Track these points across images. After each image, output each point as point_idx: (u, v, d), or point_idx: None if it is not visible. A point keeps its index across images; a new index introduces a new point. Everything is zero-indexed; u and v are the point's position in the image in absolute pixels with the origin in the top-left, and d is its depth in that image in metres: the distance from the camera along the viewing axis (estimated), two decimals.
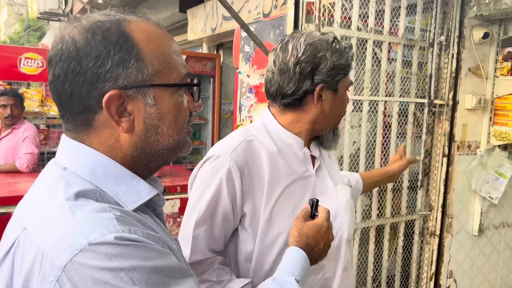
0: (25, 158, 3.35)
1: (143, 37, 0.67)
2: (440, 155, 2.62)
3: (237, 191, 1.10)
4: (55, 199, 0.63)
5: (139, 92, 0.67)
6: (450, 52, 2.54)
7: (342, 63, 1.15)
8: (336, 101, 1.19)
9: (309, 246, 0.96)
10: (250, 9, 4.32)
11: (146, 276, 0.58)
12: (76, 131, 0.69)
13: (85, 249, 0.56)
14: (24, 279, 0.59)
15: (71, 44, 0.65)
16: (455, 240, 2.68)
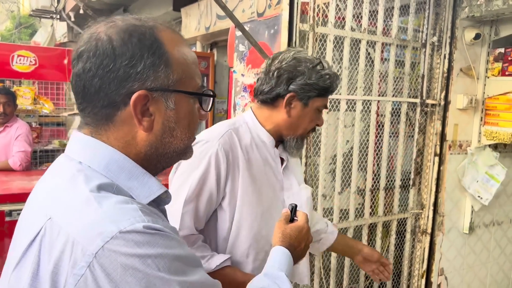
0: (18, 156, 3.34)
1: (172, 45, 0.72)
2: (432, 154, 2.66)
3: (222, 172, 1.24)
4: (78, 191, 0.65)
5: (163, 96, 0.71)
6: (442, 52, 2.57)
7: (318, 84, 1.30)
8: (303, 113, 1.33)
9: (292, 246, 1.05)
10: (244, 8, 4.33)
11: (169, 263, 0.62)
12: (95, 125, 0.71)
13: (116, 237, 0.59)
14: (54, 265, 0.61)
15: (107, 42, 0.68)
16: (446, 238, 2.72)
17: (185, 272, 0.64)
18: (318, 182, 2.25)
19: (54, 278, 0.61)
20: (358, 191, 2.44)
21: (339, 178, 2.32)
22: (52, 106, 4.56)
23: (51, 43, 8.05)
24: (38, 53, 4.64)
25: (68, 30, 9.23)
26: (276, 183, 1.35)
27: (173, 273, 0.62)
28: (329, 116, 2.25)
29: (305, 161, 2.20)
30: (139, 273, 0.59)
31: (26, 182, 2.92)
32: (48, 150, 4.66)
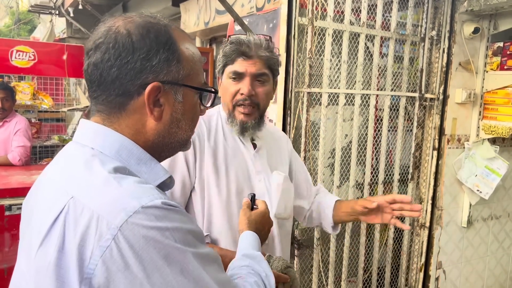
0: (17, 151, 3.34)
1: (183, 43, 0.79)
2: (431, 148, 2.67)
3: (190, 157, 1.32)
4: (96, 172, 0.71)
5: (173, 89, 0.78)
6: (441, 46, 2.58)
7: (223, 55, 1.37)
8: (222, 87, 1.39)
9: (258, 230, 1.17)
10: (243, 3, 4.32)
11: (184, 236, 0.69)
12: (108, 112, 0.77)
13: (138, 211, 0.65)
14: (80, 239, 0.65)
15: (127, 36, 0.73)
16: (444, 232, 2.73)
17: (195, 245, 0.71)
18: (317, 176, 2.26)
19: (80, 250, 0.65)
20: (356, 185, 2.45)
21: (338, 172, 2.33)
22: (51, 102, 4.57)
23: (50, 38, 8.03)
24: (37, 48, 4.64)
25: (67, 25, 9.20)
26: (247, 166, 1.40)
27: (187, 244, 0.69)
28: (328, 110, 2.26)
29: (304, 155, 2.21)
30: (159, 244, 0.65)
31: (25, 177, 2.92)
32: (47, 145, 4.67)
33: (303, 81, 2.15)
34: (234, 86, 1.34)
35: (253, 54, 1.32)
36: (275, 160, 1.49)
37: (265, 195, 1.40)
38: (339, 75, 2.30)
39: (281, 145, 1.55)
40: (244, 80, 1.33)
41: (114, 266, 0.64)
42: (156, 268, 0.65)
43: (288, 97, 2.11)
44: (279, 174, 1.43)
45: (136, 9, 7.54)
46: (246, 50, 1.32)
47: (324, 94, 2.22)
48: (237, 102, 1.34)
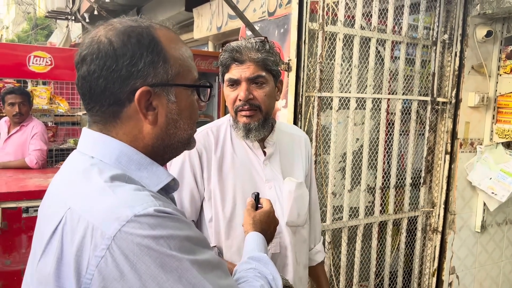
0: (34, 155, 3.42)
1: (168, 42, 0.77)
2: (443, 152, 2.65)
3: (197, 168, 1.36)
4: (93, 182, 0.72)
5: (164, 90, 0.76)
6: (453, 50, 2.56)
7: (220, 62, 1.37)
8: (225, 94, 1.40)
9: (263, 230, 1.13)
10: (255, 8, 4.36)
11: (179, 243, 0.68)
12: (104, 122, 0.77)
13: (131, 220, 0.65)
14: (77, 249, 0.66)
15: (108, 44, 0.73)
16: (457, 237, 2.71)
17: (194, 251, 0.69)
18: (328, 180, 2.27)
19: (78, 260, 0.66)
20: (368, 189, 2.45)
21: (349, 176, 2.33)
22: (67, 106, 4.65)
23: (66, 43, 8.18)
24: (54, 53, 4.72)
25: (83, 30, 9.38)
26: (257, 175, 1.40)
27: (183, 252, 0.67)
28: (339, 114, 2.27)
29: (315, 159, 2.22)
30: (154, 253, 0.65)
31: (42, 180, 2.99)
32: (63, 149, 4.75)
33: (313, 85, 2.16)
34: (232, 92, 1.35)
35: (244, 58, 1.32)
36: (290, 164, 1.47)
37: (276, 203, 1.38)
38: (350, 79, 2.31)
39: (300, 147, 1.53)
40: (240, 86, 1.33)
41: (110, 276, 0.64)
42: (152, 277, 0.64)
43: (298, 101, 2.13)
44: (291, 181, 1.41)
45: (150, 14, 7.64)
46: (237, 56, 1.32)
47: (335, 98, 2.23)
48: (237, 107, 1.35)
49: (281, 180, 1.42)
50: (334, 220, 2.33)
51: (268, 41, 1.37)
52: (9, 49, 4.82)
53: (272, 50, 1.36)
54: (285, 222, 1.39)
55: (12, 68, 4.57)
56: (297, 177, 1.46)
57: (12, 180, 2.96)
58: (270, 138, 1.42)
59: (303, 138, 1.56)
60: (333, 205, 2.31)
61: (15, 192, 2.65)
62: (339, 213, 2.37)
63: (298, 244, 1.44)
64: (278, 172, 1.43)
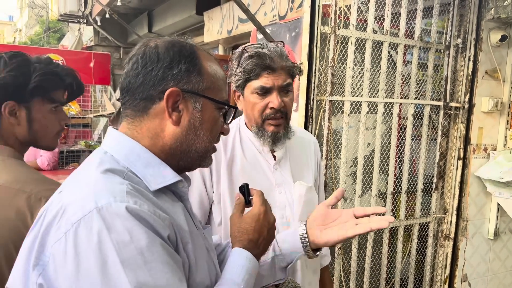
0: (46, 156, 3.44)
1: (206, 60, 0.86)
2: (456, 158, 2.61)
3: (206, 173, 1.35)
4: (88, 172, 0.78)
5: (192, 97, 0.83)
6: (466, 54, 2.53)
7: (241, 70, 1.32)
8: (246, 103, 1.36)
9: (252, 241, 0.95)
10: (266, 11, 4.36)
11: (129, 253, 0.67)
12: (133, 116, 0.83)
13: (92, 212, 0.68)
14: (46, 226, 0.71)
15: (154, 48, 0.83)
16: (470, 244, 2.67)
17: (140, 268, 0.67)
18: (338, 185, 2.25)
19: (43, 236, 0.71)
20: (379, 195, 2.43)
21: (360, 181, 2.31)
22: (78, 108, 4.70)
23: (78, 46, 8.26)
24: (66, 56, 4.78)
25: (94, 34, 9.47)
26: (267, 179, 1.39)
27: (128, 264, 0.66)
28: (350, 118, 2.25)
29: (326, 163, 2.20)
30: (99, 254, 0.66)
31: None
32: (74, 150, 4.79)
33: (325, 89, 2.15)
34: (261, 101, 1.31)
35: (277, 66, 1.30)
36: (300, 168, 1.47)
37: (286, 207, 1.38)
38: (361, 83, 2.29)
39: (309, 150, 1.52)
40: (272, 94, 1.30)
41: (58, 259, 0.67)
42: (88, 277, 0.65)
43: (310, 105, 2.11)
44: (301, 185, 1.41)
45: (161, 18, 7.69)
46: (270, 64, 1.29)
47: (347, 102, 2.21)
48: (267, 116, 1.32)
49: (291, 184, 1.41)
50: None
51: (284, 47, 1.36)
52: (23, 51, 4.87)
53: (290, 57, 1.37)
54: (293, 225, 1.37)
55: None
56: (307, 181, 1.45)
57: None
58: (288, 140, 1.41)
59: (312, 141, 1.56)
60: None
61: None
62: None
63: None
64: (288, 176, 1.42)
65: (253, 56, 1.30)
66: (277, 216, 1.35)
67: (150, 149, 0.82)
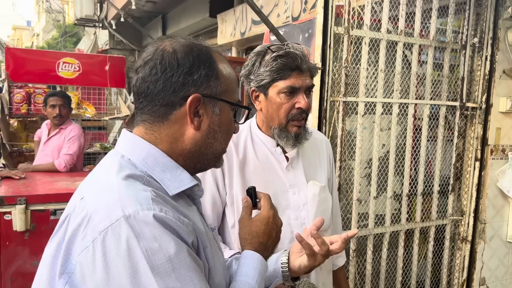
0: (63, 158, 3.49)
1: (221, 63, 0.87)
2: (473, 159, 2.57)
3: (218, 175, 1.35)
4: (109, 178, 0.77)
5: (211, 102, 0.84)
6: (483, 54, 2.49)
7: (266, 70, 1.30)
8: (269, 104, 1.34)
9: (262, 244, 0.98)
10: (279, 13, 4.36)
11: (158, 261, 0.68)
12: (152, 121, 0.83)
13: (120, 221, 0.68)
14: (71, 234, 0.71)
15: (172, 53, 0.82)
16: (488, 247, 2.62)
17: (169, 275, 0.68)
18: (353, 187, 2.23)
19: (69, 245, 0.71)
20: (394, 196, 2.40)
21: (375, 182, 2.29)
22: (94, 111, 4.76)
23: (94, 50, 8.39)
24: (82, 60, 4.86)
25: (110, 37, 9.60)
26: (280, 180, 1.38)
27: (157, 272, 0.67)
28: (364, 119, 2.23)
29: (340, 165, 2.18)
30: (128, 262, 0.66)
31: (69, 183, 3.05)
32: (90, 153, 4.85)
33: (338, 90, 2.14)
34: (288, 101, 1.32)
35: (305, 67, 1.31)
36: (313, 168, 1.46)
37: (300, 208, 1.38)
38: (376, 84, 2.27)
39: (322, 150, 1.52)
40: (298, 94, 1.31)
41: (86, 268, 0.67)
42: (119, 285, 0.66)
43: (323, 106, 2.10)
44: (315, 185, 1.41)
45: (175, 21, 7.75)
46: (300, 64, 1.30)
47: (361, 103, 2.19)
48: (293, 116, 1.32)
49: (304, 184, 1.41)
50: (359, 227, 2.28)
51: None
52: (40, 55, 4.98)
53: None
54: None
55: (43, 74, 4.71)
56: (320, 180, 1.45)
57: (41, 183, 3.03)
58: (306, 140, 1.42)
59: (324, 141, 1.55)
60: (358, 212, 2.26)
61: (43, 194, 2.71)
62: (364, 221, 2.32)
63: None
64: (301, 176, 1.41)
65: (283, 56, 1.29)
66: (291, 217, 1.36)
67: (168, 154, 0.82)
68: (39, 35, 27.85)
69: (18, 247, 2.49)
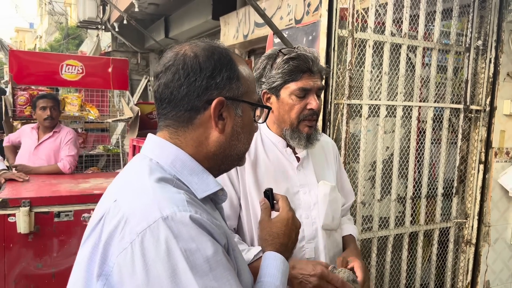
0: (67, 160, 3.50)
1: (241, 65, 0.88)
2: (477, 161, 2.56)
3: (233, 174, 1.36)
4: (141, 180, 0.78)
5: (233, 104, 0.85)
6: (487, 56, 2.49)
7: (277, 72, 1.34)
8: (280, 105, 1.37)
9: (283, 245, 1.00)
10: (282, 15, 4.36)
11: (196, 261, 0.69)
12: (176, 126, 0.84)
13: (158, 222, 0.69)
14: (108, 236, 0.72)
15: (194, 57, 0.82)
16: (492, 249, 2.61)
17: (207, 275, 0.69)
18: (357, 189, 2.23)
19: (105, 247, 0.71)
20: (398, 199, 2.39)
21: (379, 185, 2.29)
22: (97, 113, 4.77)
23: (96, 52, 8.41)
24: (85, 62, 4.87)
25: (112, 39, 9.62)
26: (291, 180, 1.40)
27: (196, 271, 0.68)
28: (368, 122, 2.23)
29: (344, 168, 2.18)
30: (168, 262, 0.67)
31: (73, 185, 3.06)
32: (93, 154, 4.86)
33: (342, 92, 2.14)
34: (300, 102, 1.35)
35: (316, 69, 1.34)
36: (322, 168, 1.49)
37: (311, 207, 1.40)
38: (379, 86, 2.27)
39: (328, 152, 1.55)
40: (310, 96, 1.34)
41: (125, 269, 0.68)
42: (159, 285, 0.66)
43: (327, 109, 2.10)
44: (325, 184, 1.43)
45: (178, 23, 7.77)
46: (311, 66, 1.33)
47: (365, 105, 2.19)
48: (304, 117, 1.35)
49: (315, 184, 1.43)
50: (364, 230, 2.28)
51: None
52: (44, 58, 4.99)
53: None
54: (321, 225, 1.39)
55: (46, 76, 4.72)
56: (330, 180, 1.48)
57: (45, 185, 3.03)
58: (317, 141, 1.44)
59: (330, 143, 1.60)
60: (362, 215, 2.26)
61: (47, 197, 2.71)
62: (368, 223, 2.32)
63: (332, 248, 1.44)
64: (312, 176, 1.44)
65: (294, 59, 1.33)
66: (302, 216, 1.39)
67: (194, 157, 0.83)
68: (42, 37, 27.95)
69: (22, 249, 2.50)
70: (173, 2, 6.86)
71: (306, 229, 1.38)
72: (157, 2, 7.25)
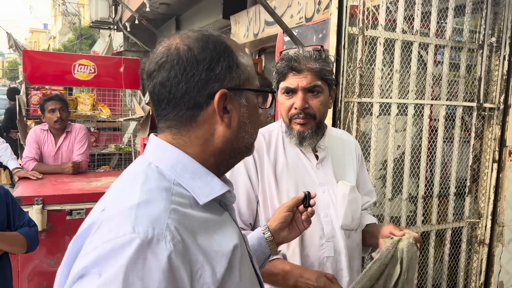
0: (79, 158, 3.54)
1: (237, 50, 0.81)
2: (490, 160, 2.52)
3: (252, 171, 1.38)
4: (132, 190, 0.72)
5: (236, 94, 0.79)
6: (501, 53, 2.44)
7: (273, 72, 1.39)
8: (279, 102, 1.41)
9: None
10: (293, 14, 4.35)
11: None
12: (179, 126, 0.78)
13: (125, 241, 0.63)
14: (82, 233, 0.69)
15: (188, 50, 0.76)
16: (506, 250, 2.56)
17: None
18: None
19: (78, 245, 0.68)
20: (409, 198, 2.37)
21: (390, 184, 2.26)
22: (109, 112, 4.81)
23: (109, 52, 8.48)
24: (97, 62, 4.92)
25: (124, 39, 9.70)
26: (310, 178, 1.41)
27: None
28: (379, 120, 2.21)
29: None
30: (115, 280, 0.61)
31: (85, 184, 3.09)
32: (104, 153, 4.90)
33: (353, 91, 2.12)
34: (288, 101, 1.38)
35: (302, 68, 1.34)
36: (342, 168, 1.48)
37: (329, 206, 1.40)
38: (391, 84, 2.24)
39: (350, 151, 1.54)
40: (297, 95, 1.35)
41: (81, 272, 0.64)
42: None
43: (337, 107, 2.09)
44: (345, 185, 1.42)
45: (189, 22, 7.80)
46: (295, 65, 1.34)
47: (375, 104, 2.17)
48: (292, 115, 1.37)
49: (334, 183, 1.43)
50: None
51: (324, 50, 1.38)
52: (57, 58, 5.05)
53: (328, 59, 1.38)
54: (339, 225, 1.39)
55: (59, 76, 4.78)
56: (349, 180, 1.47)
57: (57, 184, 3.07)
58: (322, 142, 1.44)
59: (353, 142, 1.58)
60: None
61: (59, 195, 2.75)
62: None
63: (352, 248, 1.43)
64: (331, 175, 1.44)
65: (283, 58, 1.37)
66: (321, 214, 1.40)
67: (199, 156, 0.78)
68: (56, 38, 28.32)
69: None
70: (184, 1, 6.89)
71: (324, 228, 1.38)
72: (168, 1, 7.29)
